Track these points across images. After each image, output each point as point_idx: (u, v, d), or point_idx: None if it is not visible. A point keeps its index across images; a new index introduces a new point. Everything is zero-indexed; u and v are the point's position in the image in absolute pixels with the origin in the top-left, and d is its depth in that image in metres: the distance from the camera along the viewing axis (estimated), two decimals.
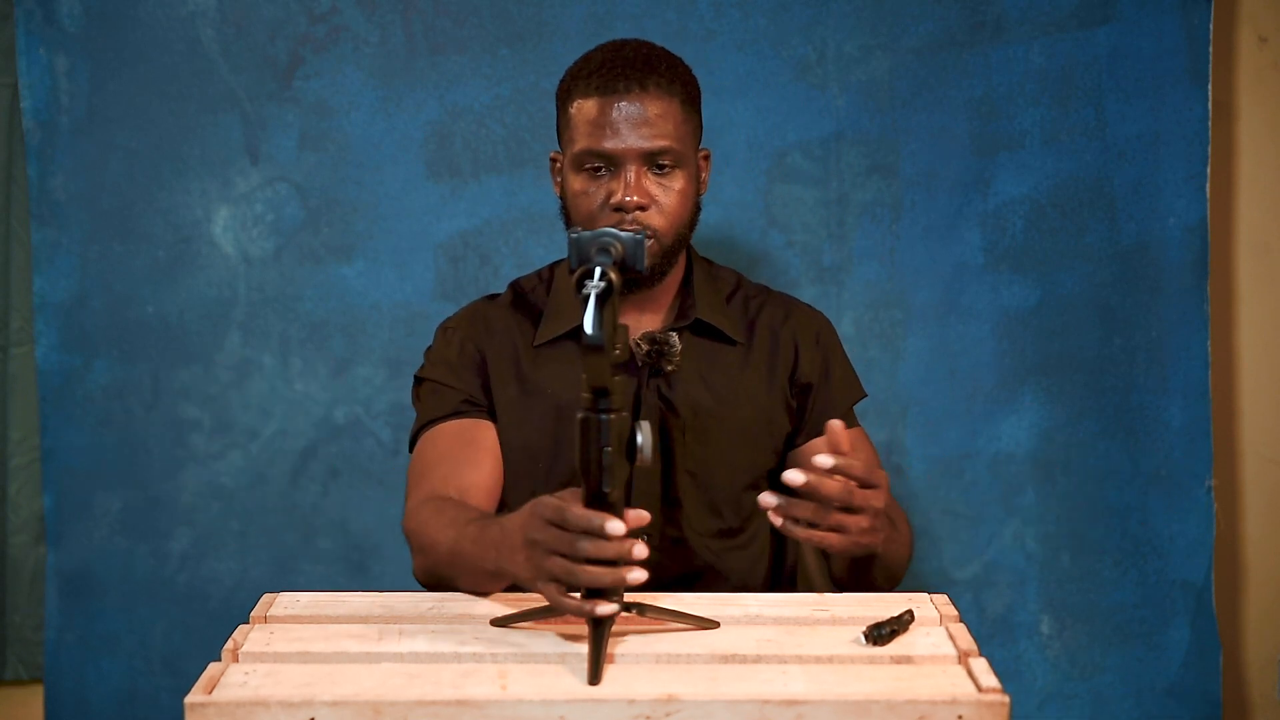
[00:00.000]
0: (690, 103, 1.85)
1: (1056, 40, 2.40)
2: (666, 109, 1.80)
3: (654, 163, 1.81)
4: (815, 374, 1.92)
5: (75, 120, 2.41)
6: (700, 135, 1.90)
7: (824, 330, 1.96)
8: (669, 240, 1.83)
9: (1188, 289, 2.41)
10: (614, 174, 1.81)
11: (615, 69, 1.81)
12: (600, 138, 1.79)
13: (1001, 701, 1.26)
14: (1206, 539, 2.44)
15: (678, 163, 1.82)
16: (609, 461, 1.36)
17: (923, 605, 1.52)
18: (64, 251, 2.43)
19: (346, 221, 2.45)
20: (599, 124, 1.80)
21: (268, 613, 1.51)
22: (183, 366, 2.45)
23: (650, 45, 1.87)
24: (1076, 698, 2.47)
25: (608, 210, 1.80)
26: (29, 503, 2.53)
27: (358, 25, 2.41)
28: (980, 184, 2.43)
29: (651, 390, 1.87)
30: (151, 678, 2.48)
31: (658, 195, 1.81)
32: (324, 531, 2.47)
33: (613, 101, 1.79)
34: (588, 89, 1.81)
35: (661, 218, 1.82)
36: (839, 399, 1.92)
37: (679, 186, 1.82)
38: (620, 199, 1.79)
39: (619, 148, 1.79)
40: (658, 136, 1.79)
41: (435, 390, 1.89)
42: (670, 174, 1.82)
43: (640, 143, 1.79)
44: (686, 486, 1.87)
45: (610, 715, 1.25)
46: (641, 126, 1.79)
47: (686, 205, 1.84)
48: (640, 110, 1.79)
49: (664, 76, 1.81)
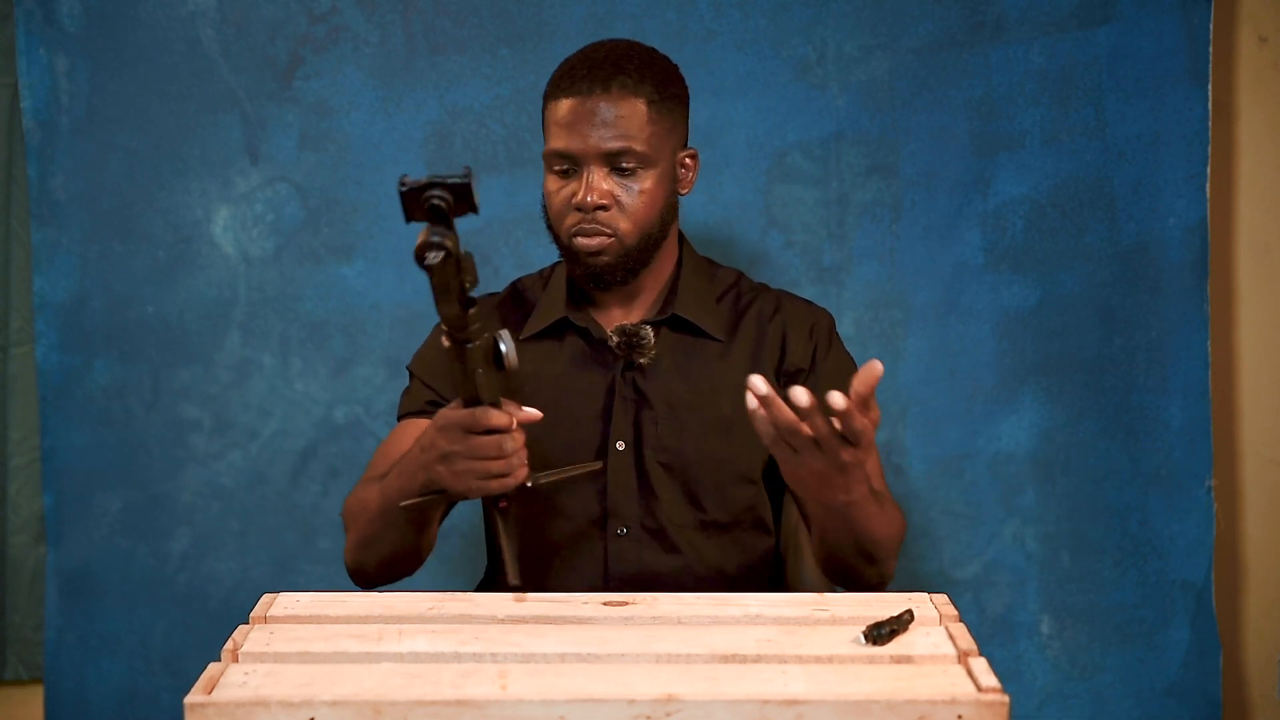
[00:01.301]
0: (663, 101, 1.85)
1: (1056, 40, 2.40)
2: (630, 110, 1.82)
3: (615, 163, 1.82)
4: (804, 361, 1.92)
5: (75, 120, 2.41)
6: (681, 135, 1.91)
7: (820, 323, 1.96)
8: (632, 241, 1.85)
9: (1188, 289, 2.41)
10: (577, 174, 1.83)
11: (583, 69, 1.84)
12: (564, 138, 1.82)
13: (1001, 701, 1.26)
14: (1206, 539, 2.44)
15: (642, 163, 1.83)
16: (481, 380, 1.55)
17: (923, 605, 1.52)
18: (64, 251, 2.43)
19: (346, 221, 2.45)
20: (564, 124, 1.82)
21: (268, 613, 1.51)
22: (183, 366, 2.45)
23: (629, 46, 1.88)
24: (1076, 698, 2.47)
25: (571, 209, 1.83)
26: (29, 503, 2.53)
27: (358, 25, 2.41)
28: (980, 184, 2.43)
29: (626, 382, 1.89)
30: (151, 678, 2.48)
31: (620, 196, 1.83)
32: (324, 531, 2.47)
33: (578, 103, 1.82)
34: (557, 90, 1.85)
35: (625, 219, 1.84)
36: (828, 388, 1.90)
37: (644, 187, 1.84)
38: (580, 199, 1.82)
39: (577, 148, 1.82)
40: (618, 138, 1.81)
41: (410, 386, 1.97)
42: (634, 175, 1.83)
43: (600, 143, 1.81)
44: (660, 477, 1.88)
45: (610, 715, 1.25)
46: (602, 128, 1.81)
47: (654, 206, 1.85)
48: (603, 111, 1.81)
49: (631, 77, 1.83)
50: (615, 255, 1.85)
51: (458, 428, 1.58)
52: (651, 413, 1.89)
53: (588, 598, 1.55)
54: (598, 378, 1.91)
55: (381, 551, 1.80)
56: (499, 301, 2.01)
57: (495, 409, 1.57)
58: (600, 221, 1.83)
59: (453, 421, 1.59)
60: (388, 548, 1.79)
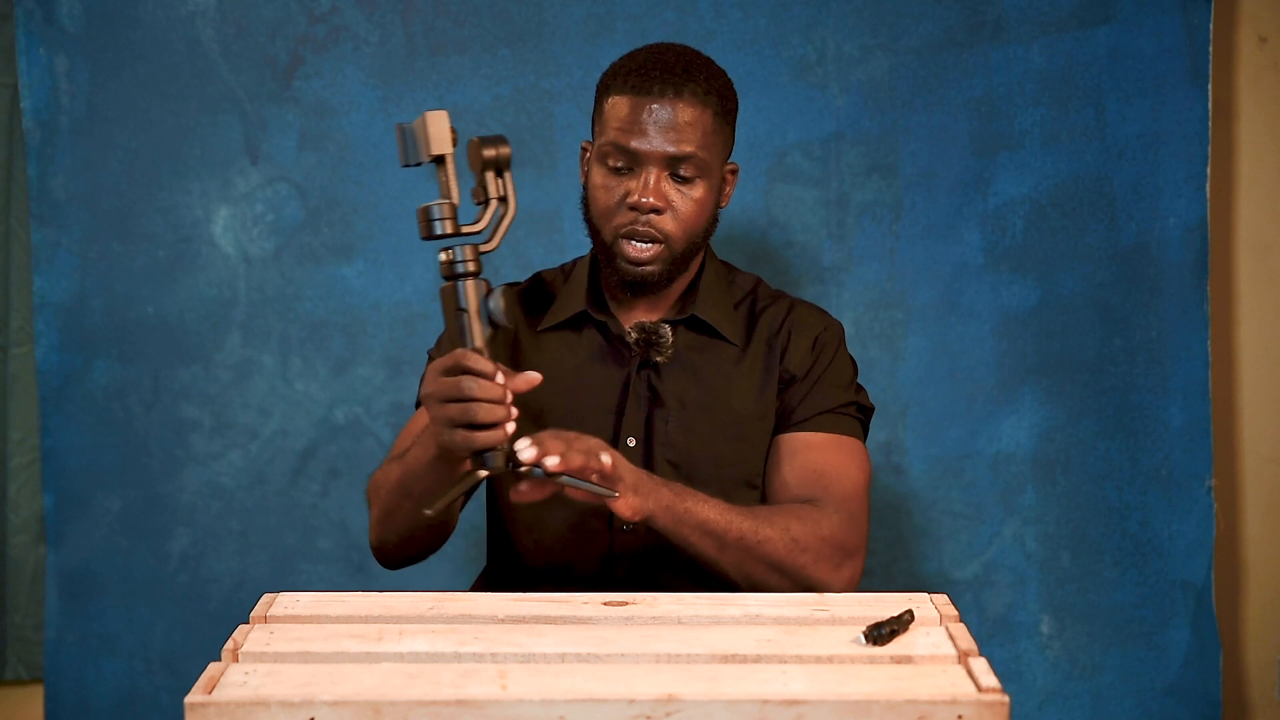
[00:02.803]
0: (724, 115, 1.85)
1: (1056, 40, 2.40)
2: (697, 118, 1.81)
3: (675, 169, 1.82)
4: (801, 369, 1.92)
5: (75, 120, 2.41)
6: (729, 149, 1.90)
7: (826, 334, 1.95)
8: (680, 247, 1.85)
9: (1188, 289, 2.41)
10: (634, 173, 1.82)
11: (654, 71, 1.82)
12: (628, 135, 1.81)
13: (1001, 701, 1.26)
14: (1206, 539, 2.44)
15: (700, 172, 1.83)
16: (467, 324, 1.60)
17: (923, 605, 1.52)
18: (64, 251, 2.43)
19: (346, 221, 2.45)
20: (629, 122, 1.81)
21: (268, 613, 1.51)
22: (183, 366, 2.45)
23: (695, 53, 1.88)
24: (1076, 698, 2.47)
25: (624, 208, 1.83)
26: (29, 503, 2.53)
27: (358, 25, 2.42)
28: (980, 184, 2.43)
29: (641, 379, 1.90)
30: (151, 678, 2.48)
31: (675, 201, 1.83)
32: (324, 531, 2.47)
33: (646, 102, 1.81)
34: (624, 86, 1.83)
35: (675, 224, 1.83)
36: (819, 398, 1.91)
37: (697, 195, 1.83)
38: (636, 199, 1.81)
39: (643, 148, 1.81)
40: (683, 143, 1.80)
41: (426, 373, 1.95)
42: (690, 183, 1.83)
43: (665, 146, 1.80)
44: (668, 475, 1.88)
45: (610, 715, 1.25)
46: (669, 131, 1.80)
47: (703, 215, 1.85)
48: (671, 115, 1.80)
49: (701, 86, 1.82)
50: (662, 264, 1.85)
51: (440, 369, 1.61)
52: (663, 411, 1.89)
53: (588, 598, 1.55)
54: (613, 373, 1.91)
55: (400, 526, 1.81)
56: (520, 291, 2.01)
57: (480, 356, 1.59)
58: (653, 225, 1.82)
59: (436, 365, 1.62)
60: (406, 521, 1.80)
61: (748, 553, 1.75)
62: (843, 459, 1.88)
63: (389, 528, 1.83)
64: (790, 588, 1.75)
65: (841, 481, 1.85)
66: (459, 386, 1.58)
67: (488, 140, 1.65)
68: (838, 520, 1.80)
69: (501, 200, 1.67)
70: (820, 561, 1.77)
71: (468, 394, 1.58)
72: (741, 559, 1.76)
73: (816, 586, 1.76)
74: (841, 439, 1.89)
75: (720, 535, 1.74)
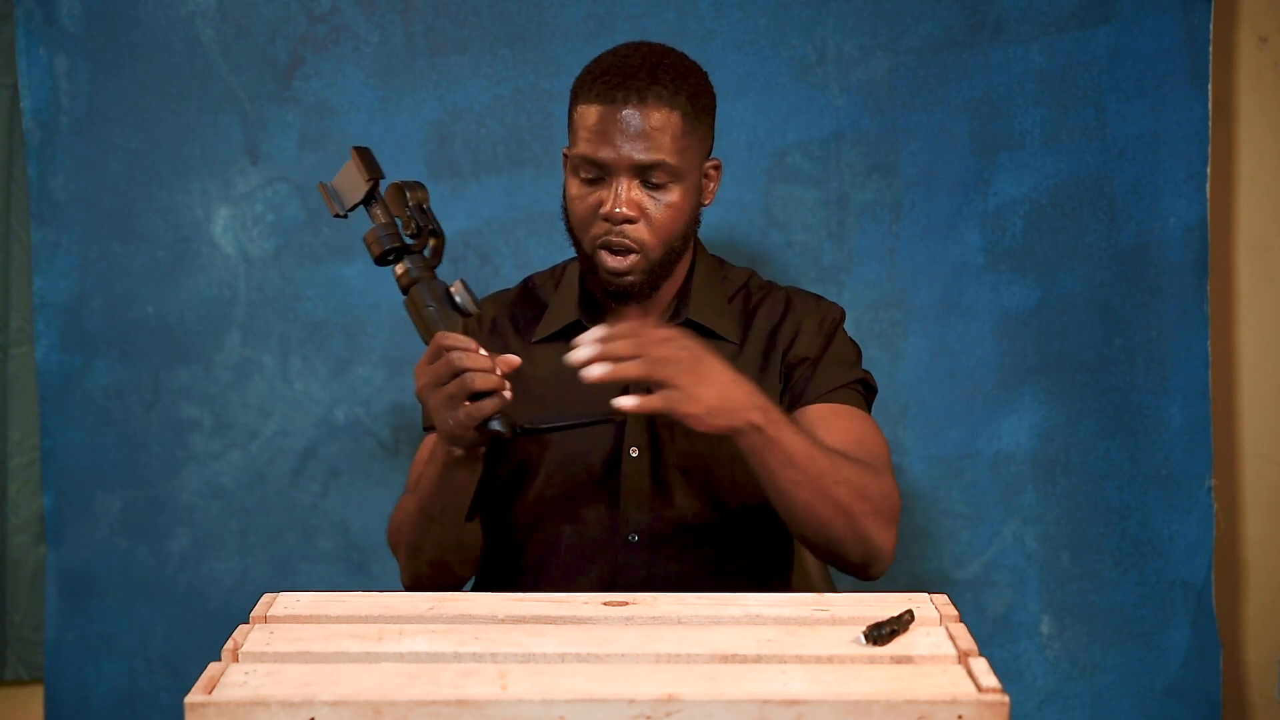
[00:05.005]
0: (696, 114, 1.83)
1: (1056, 40, 2.40)
2: (665, 121, 1.79)
3: (646, 176, 1.80)
4: (813, 351, 1.91)
5: (75, 120, 2.41)
6: (708, 146, 1.88)
7: (829, 317, 1.95)
8: (657, 255, 1.83)
9: (1188, 289, 2.41)
10: (606, 183, 1.81)
11: (617, 77, 1.80)
12: (595, 146, 1.79)
13: (1001, 701, 1.26)
14: (1206, 539, 2.44)
15: (672, 177, 1.80)
16: (435, 315, 1.69)
17: (923, 605, 1.52)
18: (64, 251, 2.43)
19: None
20: (596, 132, 1.79)
21: (268, 613, 1.51)
22: (183, 366, 2.45)
23: (662, 52, 1.85)
24: (1076, 698, 2.47)
25: (598, 218, 1.81)
26: (29, 503, 2.53)
27: (358, 25, 2.42)
28: (980, 184, 2.43)
29: (640, 387, 1.87)
30: (151, 678, 2.48)
31: (648, 209, 1.81)
32: (324, 531, 2.47)
33: (611, 111, 1.78)
34: (590, 94, 1.81)
35: (650, 232, 1.81)
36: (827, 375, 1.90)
37: (672, 200, 1.81)
38: (609, 209, 1.80)
39: (610, 158, 1.78)
40: (652, 150, 1.78)
41: None
42: (664, 188, 1.81)
43: (634, 155, 1.78)
44: (679, 483, 1.87)
45: (610, 715, 1.25)
46: (637, 139, 1.78)
47: (679, 219, 1.83)
48: (638, 122, 1.78)
49: (667, 88, 1.79)
50: (641, 273, 1.83)
51: (424, 361, 1.65)
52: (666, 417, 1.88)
53: (588, 598, 1.55)
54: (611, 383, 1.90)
55: (430, 553, 1.81)
56: (511, 299, 1.99)
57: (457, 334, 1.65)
58: (627, 234, 1.80)
59: (420, 361, 1.66)
60: (434, 548, 1.80)
61: (823, 492, 1.71)
62: (871, 429, 1.88)
63: (419, 560, 1.82)
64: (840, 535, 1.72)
65: (880, 448, 1.85)
66: (448, 363, 1.63)
67: (405, 184, 1.78)
68: (889, 481, 1.79)
69: (433, 232, 1.77)
70: (877, 515, 1.75)
71: (459, 366, 1.62)
72: (815, 497, 1.71)
73: (866, 540, 1.74)
74: (858, 412, 1.89)
75: (804, 468, 1.70)
